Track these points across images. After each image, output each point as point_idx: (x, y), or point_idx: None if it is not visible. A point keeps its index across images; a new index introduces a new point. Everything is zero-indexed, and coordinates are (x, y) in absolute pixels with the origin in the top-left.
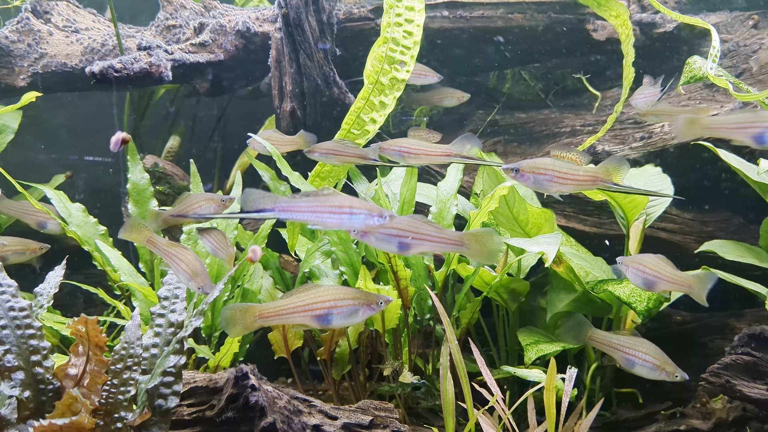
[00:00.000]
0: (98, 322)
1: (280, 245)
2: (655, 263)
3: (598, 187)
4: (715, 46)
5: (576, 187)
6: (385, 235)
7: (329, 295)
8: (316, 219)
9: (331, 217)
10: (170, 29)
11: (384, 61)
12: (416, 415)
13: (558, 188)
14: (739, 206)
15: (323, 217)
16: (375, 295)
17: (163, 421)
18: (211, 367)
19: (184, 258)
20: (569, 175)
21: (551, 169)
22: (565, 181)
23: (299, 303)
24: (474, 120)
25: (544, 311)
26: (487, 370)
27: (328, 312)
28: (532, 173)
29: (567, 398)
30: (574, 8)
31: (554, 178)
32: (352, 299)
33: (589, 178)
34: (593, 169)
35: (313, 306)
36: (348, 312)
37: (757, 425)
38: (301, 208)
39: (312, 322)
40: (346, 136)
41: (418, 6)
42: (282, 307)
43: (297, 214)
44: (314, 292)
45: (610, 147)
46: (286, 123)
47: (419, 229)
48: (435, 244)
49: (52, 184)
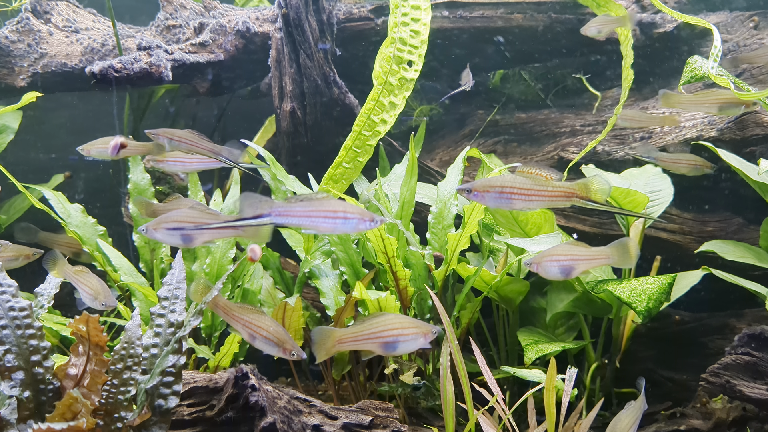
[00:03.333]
0: (99, 321)
1: (280, 245)
2: (567, 249)
3: (573, 203)
4: (717, 45)
5: (545, 203)
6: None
7: (396, 324)
8: (311, 223)
9: (325, 222)
10: (170, 29)
11: (392, 62)
12: (416, 415)
13: (523, 205)
14: (739, 206)
15: (318, 221)
16: (430, 326)
17: (163, 421)
18: (211, 367)
19: (262, 324)
20: (533, 191)
21: (509, 186)
22: (530, 198)
23: (372, 331)
24: (474, 120)
25: (544, 311)
26: (488, 369)
27: (396, 340)
28: (486, 192)
29: (567, 398)
30: (574, 8)
31: (514, 196)
32: (414, 328)
33: (561, 193)
34: (566, 185)
35: (383, 334)
36: (411, 339)
37: (757, 425)
38: (297, 212)
39: (379, 348)
40: (358, 138)
41: (424, 5)
42: (357, 334)
43: (293, 219)
44: (383, 320)
45: (610, 147)
46: (286, 123)
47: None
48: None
49: (52, 184)
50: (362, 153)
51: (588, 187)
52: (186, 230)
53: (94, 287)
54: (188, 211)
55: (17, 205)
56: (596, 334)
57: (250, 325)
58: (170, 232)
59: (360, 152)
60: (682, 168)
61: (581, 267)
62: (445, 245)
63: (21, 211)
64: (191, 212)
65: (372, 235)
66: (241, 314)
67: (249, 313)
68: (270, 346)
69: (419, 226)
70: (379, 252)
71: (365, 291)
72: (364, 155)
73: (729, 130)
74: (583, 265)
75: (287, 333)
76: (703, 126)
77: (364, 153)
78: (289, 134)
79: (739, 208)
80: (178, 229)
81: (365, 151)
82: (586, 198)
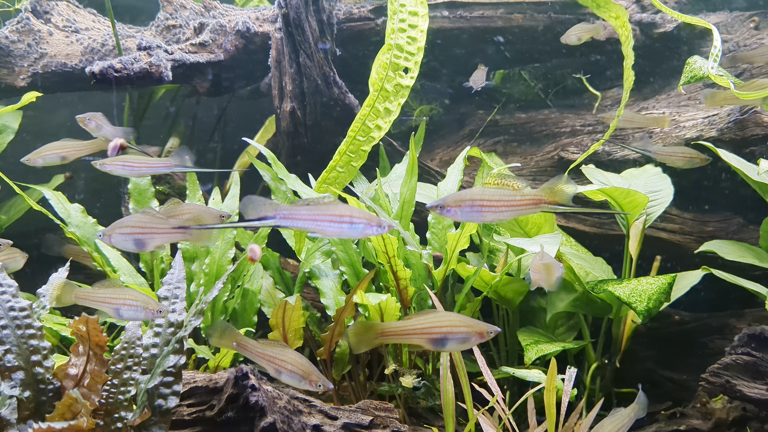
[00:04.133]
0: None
1: (280, 245)
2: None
3: (542, 210)
4: (717, 45)
5: (515, 213)
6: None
7: (446, 321)
8: (317, 227)
9: (331, 226)
10: (170, 29)
11: (389, 68)
12: (416, 415)
13: (494, 217)
14: (739, 206)
15: (323, 225)
16: (485, 325)
17: (163, 421)
18: (211, 368)
19: (287, 358)
20: (503, 202)
21: (478, 199)
22: (500, 209)
23: (418, 326)
24: (474, 120)
25: (544, 311)
26: (488, 369)
27: (444, 337)
28: (458, 207)
29: (567, 398)
30: (574, 8)
31: (484, 208)
32: (466, 327)
33: (528, 202)
34: (533, 193)
35: (430, 330)
36: (461, 338)
37: (757, 425)
38: (302, 216)
39: (428, 344)
40: (352, 143)
41: (421, 11)
42: (403, 327)
43: (298, 222)
44: (432, 317)
45: (610, 147)
46: (286, 123)
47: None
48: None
49: (52, 184)
50: (356, 158)
51: (554, 190)
52: (140, 236)
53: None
54: (141, 216)
55: (17, 206)
56: (596, 334)
57: (274, 360)
58: (124, 237)
59: (354, 157)
60: (678, 161)
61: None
62: (445, 245)
63: (21, 212)
64: (143, 217)
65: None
66: (264, 350)
67: (272, 348)
68: (296, 379)
69: (419, 226)
70: (380, 252)
71: (366, 295)
72: (358, 160)
73: (729, 130)
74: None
75: (311, 365)
76: (703, 126)
77: (358, 158)
78: (289, 134)
79: (739, 208)
80: (131, 235)
81: (359, 156)
82: (554, 202)
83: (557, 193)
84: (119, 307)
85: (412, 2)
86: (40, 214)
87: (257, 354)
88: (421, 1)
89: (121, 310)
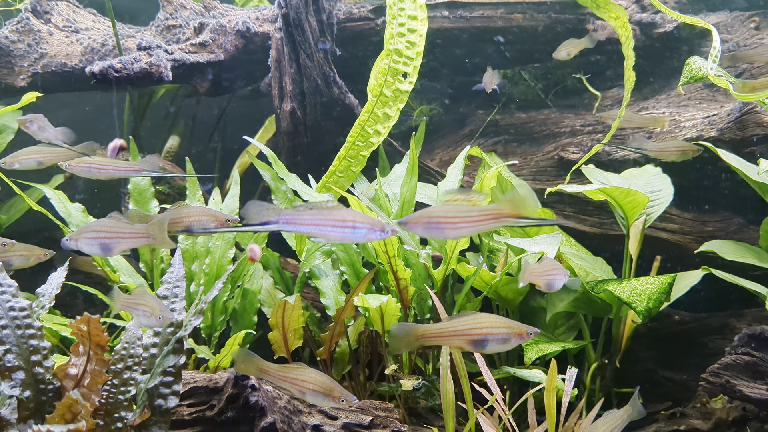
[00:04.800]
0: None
1: (280, 245)
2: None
3: (504, 224)
4: (716, 46)
5: (476, 228)
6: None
7: (486, 323)
8: (319, 232)
9: (334, 231)
10: (170, 29)
11: (387, 74)
12: (416, 415)
13: (455, 233)
14: (739, 206)
15: (326, 230)
16: (525, 327)
17: (163, 420)
18: (211, 368)
19: (308, 378)
20: (462, 218)
21: (436, 216)
22: (460, 225)
23: (459, 327)
24: (474, 120)
25: (544, 311)
26: (487, 369)
27: (485, 338)
28: (418, 224)
29: (567, 398)
30: (574, 8)
31: (445, 224)
32: (506, 328)
33: (488, 216)
34: (492, 207)
35: (470, 331)
36: (501, 339)
37: (757, 425)
38: (305, 221)
39: (468, 345)
40: (351, 148)
41: (421, 15)
42: (443, 329)
43: (301, 227)
44: (472, 319)
45: (610, 147)
46: (286, 123)
47: None
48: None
49: (52, 184)
50: (355, 163)
51: (514, 203)
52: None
53: (151, 305)
54: (107, 221)
55: (17, 206)
56: (596, 334)
57: (296, 382)
58: (90, 242)
59: (353, 162)
60: (672, 155)
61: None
62: (445, 245)
63: (21, 212)
64: (109, 222)
65: None
66: (286, 374)
67: (293, 371)
68: (320, 397)
69: None
70: (380, 252)
71: (366, 297)
72: (357, 165)
73: (729, 130)
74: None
75: (332, 381)
76: (703, 126)
77: (357, 163)
78: (289, 134)
79: (739, 208)
80: (97, 239)
81: (358, 161)
82: (516, 215)
83: (518, 206)
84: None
85: (412, 6)
86: (40, 213)
87: (279, 377)
88: (420, 4)
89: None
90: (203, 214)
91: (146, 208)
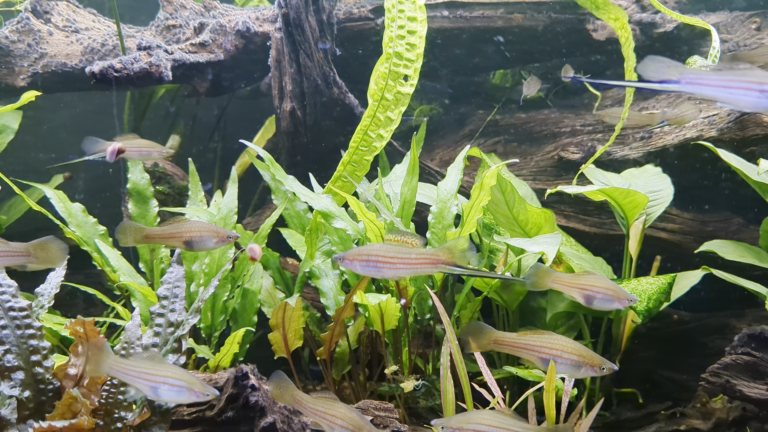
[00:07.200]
0: (96, 323)
1: (281, 245)
2: None
3: (440, 270)
4: (715, 46)
5: (411, 270)
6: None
7: (558, 344)
8: (727, 96)
9: (745, 95)
10: (170, 29)
11: (388, 78)
12: (416, 415)
13: (393, 273)
14: (739, 206)
15: (736, 93)
16: (600, 359)
17: (163, 420)
18: (211, 367)
19: (337, 413)
20: (399, 259)
21: (375, 255)
22: (397, 266)
23: (531, 342)
24: (474, 120)
25: (544, 311)
26: (488, 370)
27: (551, 357)
28: (355, 260)
29: (567, 398)
30: (574, 8)
31: (382, 264)
32: (578, 355)
33: (425, 260)
34: (431, 252)
35: (541, 349)
36: (570, 365)
37: (757, 425)
38: (711, 81)
39: (538, 362)
40: (355, 153)
41: (420, 16)
42: (517, 341)
43: (706, 89)
44: (547, 338)
45: (610, 148)
46: (286, 123)
47: None
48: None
49: (52, 184)
50: (359, 168)
51: (452, 251)
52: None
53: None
54: None
55: (17, 206)
56: (596, 334)
57: (326, 416)
58: None
59: (357, 167)
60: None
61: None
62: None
63: (21, 212)
64: None
65: (372, 234)
66: (316, 406)
67: (323, 403)
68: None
69: (419, 226)
70: None
71: (365, 295)
72: (361, 170)
73: (729, 130)
74: None
75: (362, 417)
76: (703, 126)
77: (361, 168)
78: (289, 134)
79: (739, 208)
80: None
81: (362, 166)
82: (451, 263)
83: (455, 255)
84: (158, 385)
85: (411, 7)
86: (40, 213)
87: (310, 410)
88: (420, 6)
89: (159, 390)
90: (204, 230)
91: (146, 208)
